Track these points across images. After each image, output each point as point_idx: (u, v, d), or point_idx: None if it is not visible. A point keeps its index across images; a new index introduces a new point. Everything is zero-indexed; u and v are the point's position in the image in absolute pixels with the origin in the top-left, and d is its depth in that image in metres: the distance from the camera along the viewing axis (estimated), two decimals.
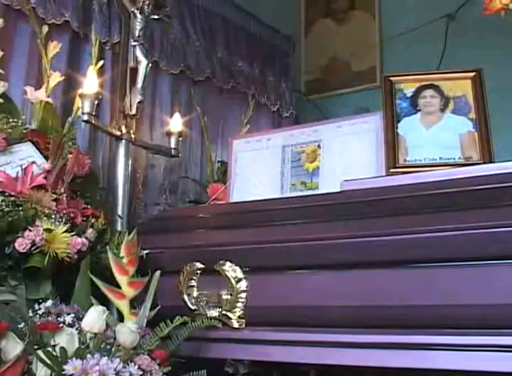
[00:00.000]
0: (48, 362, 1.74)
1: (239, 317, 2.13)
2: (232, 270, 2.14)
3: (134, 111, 2.86)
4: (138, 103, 2.87)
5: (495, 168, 1.94)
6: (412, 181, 2.06)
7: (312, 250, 2.01)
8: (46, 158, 2.39)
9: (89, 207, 2.41)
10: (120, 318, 2.18)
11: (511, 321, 1.69)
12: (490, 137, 2.29)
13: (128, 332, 1.89)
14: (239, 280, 2.13)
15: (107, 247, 2.29)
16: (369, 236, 1.90)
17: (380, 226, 1.90)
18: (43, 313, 1.95)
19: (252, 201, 2.48)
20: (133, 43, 2.93)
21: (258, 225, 2.21)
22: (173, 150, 3.08)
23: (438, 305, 1.79)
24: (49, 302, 2.00)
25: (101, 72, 2.88)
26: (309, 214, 2.14)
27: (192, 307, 2.23)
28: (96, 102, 2.62)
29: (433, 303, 1.80)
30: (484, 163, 2.22)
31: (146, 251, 2.32)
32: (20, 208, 2.16)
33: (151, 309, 2.17)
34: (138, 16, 2.93)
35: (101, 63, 2.82)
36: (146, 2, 2.95)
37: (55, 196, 2.27)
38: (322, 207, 2.16)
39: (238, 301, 2.12)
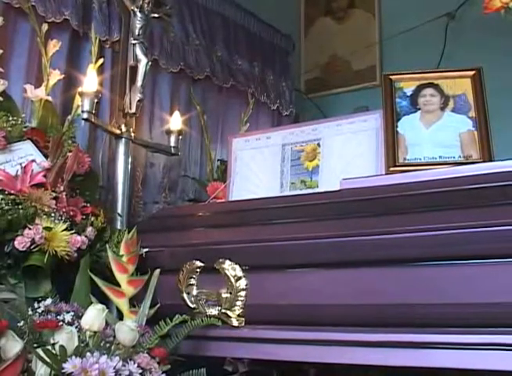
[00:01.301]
0: (48, 360, 1.74)
1: (238, 315, 2.13)
2: (231, 268, 2.14)
3: (133, 109, 2.86)
4: (138, 101, 2.86)
5: (495, 167, 1.94)
6: (412, 180, 2.06)
7: (312, 248, 2.01)
8: (46, 156, 2.39)
9: (89, 205, 2.42)
10: (120, 316, 2.19)
11: (511, 320, 1.69)
12: (490, 136, 2.30)
13: (127, 330, 1.90)
14: (239, 278, 2.13)
15: (107, 246, 2.30)
16: (368, 235, 1.90)
17: (380, 225, 1.91)
18: (42, 312, 1.95)
19: (252, 200, 2.49)
20: (133, 41, 2.92)
21: (258, 224, 2.21)
22: (173, 149, 3.08)
23: (436, 304, 1.79)
24: (49, 301, 2.00)
25: (101, 70, 2.88)
26: (309, 212, 2.15)
27: (192, 305, 2.23)
28: (96, 100, 2.62)
29: (431, 302, 1.80)
30: (483, 161, 2.22)
31: (145, 250, 2.32)
32: (20, 207, 2.16)
33: (150, 307, 2.17)
34: (138, 14, 2.93)
35: (101, 61, 2.83)
36: (146, 1, 2.95)
37: (54, 194, 2.28)
38: (322, 205, 2.16)
39: (237, 300, 2.12)
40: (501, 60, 3.73)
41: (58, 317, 1.92)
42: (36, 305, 1.98)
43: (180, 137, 3.10)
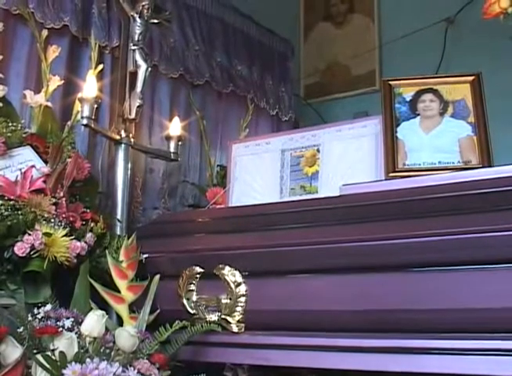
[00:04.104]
0: (48, 366, 1.74)
1: (238, 321, 2.13)
2: (231, 274, 2.14)
3: (133, 115, 2.86)
4: (138, 107, 2.86)
5: (494, 172, 1.94)
6: (412, 185, 2.06)
7: (312, 254, 2.01)
8: (45, 162, 2.39)
9: (88, 211, 2.42)
10: (120, 322, 2.18)
11: (510, 325, 1.69)
12: (489, 141, 2.30)
13: (127, 336, 1.90)
14: (239, 284, 2.13)
15: (106, 252, 2.30)
16: (368, 241, 1.90)
17: (379, 230, 1.90)
18: (42, 317, 1.95)
19: (251, 205, 2.49)
20: (132, 47, 2.92)
21: (257, 230, 2.21)
22: (172, 154, 3.07)
23: (436, 310, 1.79)
24: (48, 306, 2.00)
25: (100, 76, 2.88)
26: (308, 218, 2.14)
27: (192, 311, 2.23)
28: (96, 106, 2.62)
29: (432, 307, 1.80)
30: (483, 167, 2.22)
31: (145, 255, 2.32)
32: (20, 212, 2.16)
33: (150, 313, 2.17)
34: (138, 20, 2.93)
35: (100, 67, 2.83)
36: (146, 6, 2.95)
37: (54, 200, 2.28)
38: (322, 211, 2.16)
39: (237, 306, 2.12)
40: (500, 65, 3.74)
41: (58, 323, 1.92)
42: (36, 310, 1.98)
43: (180, 143, 3.10)
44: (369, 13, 4.81)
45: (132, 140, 2.87)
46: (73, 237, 2.23)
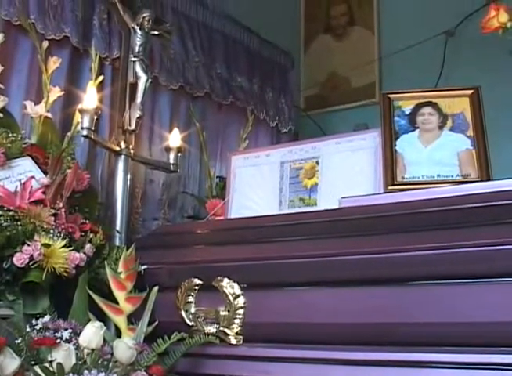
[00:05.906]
0: None
1: (236, 334, 2.13)
2: (229, 286, 2.14)
3: (133, 126, 2.87)
4: (138, 118, 2.87)
5: (493, 186, 1.95)
6: (410, 198, 2.07)
7: (310, 267, 2.01)
8: (45, 173, 2.40)
9: (88, 222, 2.42)
10: (118, 334, 2.18)
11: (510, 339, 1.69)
12: (488, 155, 2.30)
13: (125, 348, 1.89)
14: (237, 296, 2.13)
15: (105, 263, 2.30)
16: (367, 254, 1.90)
17: (378, 244, 1.91)
18: (40, 329, 1.95)
19: (250, 217, 2.49)
20: (133, 58, 2.94)
21: (256, 242, 2.21)
22: (172, 166, 3.08)
23: (437, 323, 1.79)
24: (47, 318, 2.00)
25: (101, 87, 2.89)
26: (307, 230, 2.15)
27: (190, 323, 2.23)
28: (96, 117, 2.62)
29: (432, 321, 1.80)
30: (482, 180, 2.22)
31: (143, 267, 2.32)
32: (19, 223, 2.17)
33: (149, 324, 2.17)
34: (138, 31, 2.95)
35: (101, 78, 2.84)
36: (146, 18, 2.96)
37: (53, 211, 2.28)
38: (321, 223, 2.16)
39: (235, 318, 2.12)
40: (500, 79, 3.74)
41: (56, 334, 1.92)
42: (34, 321, 1.98)
43: (179, 154, 3.10)
44: (369, 26, 4.82)
45: (132, 151, 2.88)
46: (72, 248, 2.23)
